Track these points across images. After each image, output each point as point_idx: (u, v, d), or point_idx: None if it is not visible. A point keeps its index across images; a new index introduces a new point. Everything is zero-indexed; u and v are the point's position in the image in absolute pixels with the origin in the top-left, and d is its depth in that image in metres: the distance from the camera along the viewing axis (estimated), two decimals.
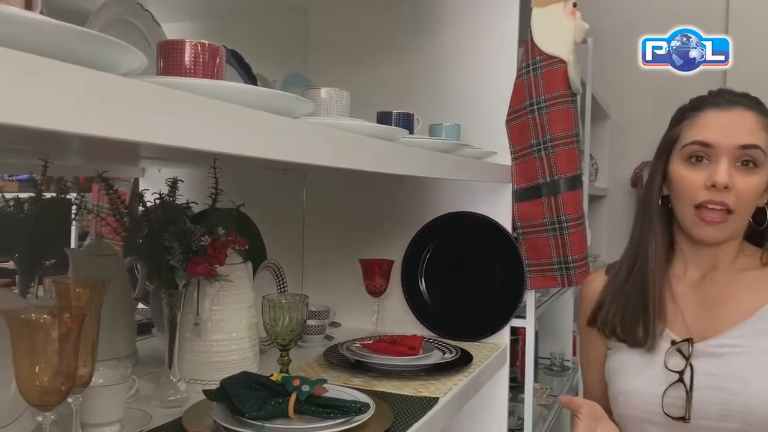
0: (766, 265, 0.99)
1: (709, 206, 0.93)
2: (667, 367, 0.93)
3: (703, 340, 0.94)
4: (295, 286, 1.72)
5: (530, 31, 1.46)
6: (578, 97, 1.57)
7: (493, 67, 1.53)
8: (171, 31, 1.77)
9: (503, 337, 1.53)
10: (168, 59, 0.69)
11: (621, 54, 2.62)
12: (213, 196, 1.09)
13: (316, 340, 1.45)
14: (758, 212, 0.97)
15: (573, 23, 1.42)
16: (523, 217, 1.49)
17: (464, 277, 1.56)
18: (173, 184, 1.08)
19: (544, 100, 1.44)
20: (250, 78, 1.35)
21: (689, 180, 0.95)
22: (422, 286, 1.59)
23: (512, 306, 1.51)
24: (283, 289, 1.45)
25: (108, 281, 0.82)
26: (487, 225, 1.54)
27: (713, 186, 0.92)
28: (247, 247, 1.11)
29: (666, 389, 0.93)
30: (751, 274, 0.98)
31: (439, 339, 1.47)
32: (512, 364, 1.64)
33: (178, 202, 1.10)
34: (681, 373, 0.92)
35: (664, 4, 2.83)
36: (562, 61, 1.42)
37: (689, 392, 0.91)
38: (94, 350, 0.80)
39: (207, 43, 0.70)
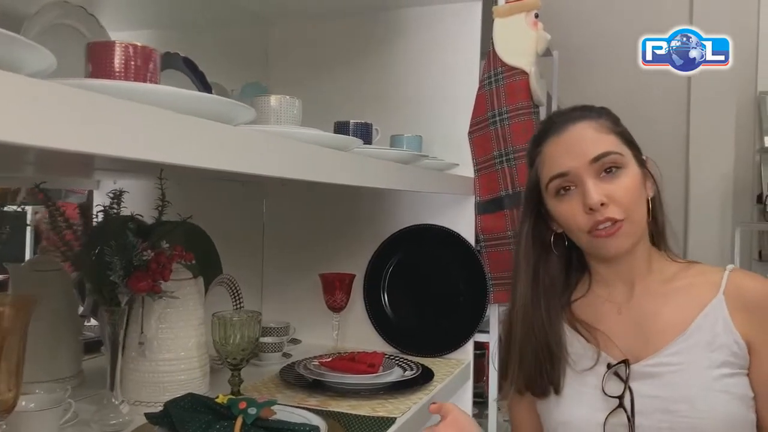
0: (680, 275, 0.95)
1: (599, 227, 0.89)
2: (605, 393, 0.89)
3: (639, 361, 0.90)
4: (254, 302, 1.67)
5: (492, 42, 1.45)
6: (541, 109, 1.55)
7: (456, 78, 1.51)
8: (129, 39, 1.73)
9: (467, 352, 1.49)
10: (97, 62, 0.65)
11: (587, 67, 2.64)
12: (159, 209, 1.05)
13: (273, 358, 1.40)
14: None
15: (535, 34, 1.41)
16: (485, 230, 1.47)
17: (427, 291, 1.53)
18: (116, 197, 1.03)
19: (506, 112, 1.42)
20: (204, 86, 1.31)
21: (568, 212, 0.92)
22: (385, 300, 1.55)
23: (476, 320, 1.48)
24: (238, 306, 1.40)
25: (35, 299, 0.77)
26: (450, 238, 1.51)
27: (591, 209, 0.88)
28: (194, 261, 1.06)
29: (607, 417, 0.88)
30: (674, 285, 0.94)
31: (401, 355, 1.43)
32: (477, 380, 1.60)
33: (126, 214, 1.05)
34: (620, 397, 0.88)
35: (630, 15, 2.87)
36: (524, 73, 1.41)
37: (631, 418, 0.87)
38: (19, 373, 0.75)
39: (139, 45, 0.66)
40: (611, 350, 0.93)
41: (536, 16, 1.42)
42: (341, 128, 1.16)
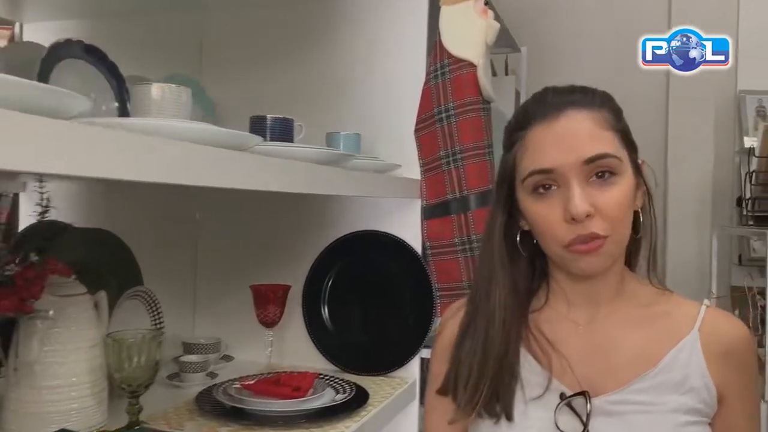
0: (653, 301, 0.82)
1: (579, 242, 0.75)
2: (558, 428, 0.76)
3: (599, 395, 0.77)
4: (185, 316, 1.54)
5: (438, 32, 1.33)
6: (507, 108, 1.43)
7: (402, 71, 1.39)
8: (56, 29, 1.59)
9: (412, 369, 1.37)
10: None
11: (558, 63, 2.53)
12: (41, 214, 0.92)
13: (196, 378, 1.27)
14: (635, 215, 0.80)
15: (484, 23, 1.29)
16: (432, 236, 1.35)
17: (370, 303, 1.41)
18: None
19: (453, 108, 1.30)
20: (115, 77, 1.18)
21: (545, 216, 0.76)
22: (325, 314, 1.43)
23: (422, 335, 1.35)
24: (157, 321, 1.27)
25: None
26: (395, 245, 1.39)
27: (573, 219, 0.73)
28: (75, 277, 0.93)
29: None
30: (646, 311, 0.82)
31: (337, 375, 1.30)
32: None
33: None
34: None
35: (604, 11, 2.77)
36: (472, 65, 1.29)
37: None
38: None
39: None
40: (565, 378, 0.80)
41: (486, 3, 1.31)
42: (257, 124, 1.04)
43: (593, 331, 0.82)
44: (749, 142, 2.72)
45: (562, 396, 0.77)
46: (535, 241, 0.82)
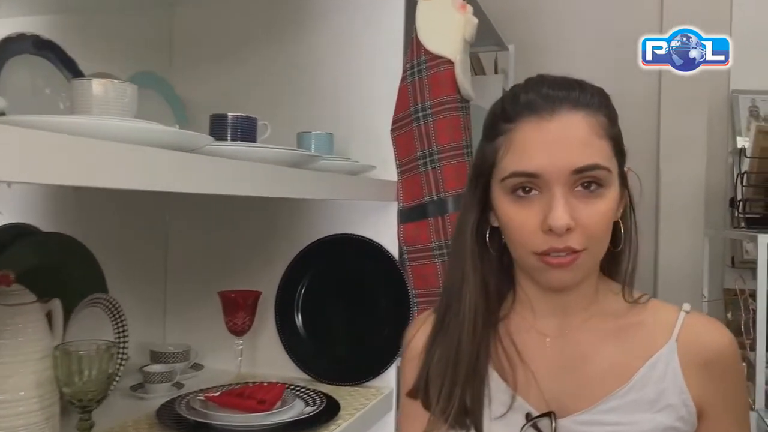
0: (628, 311, 0.77)
1: (552, 254, 0.69)
2: None
3: (568, 415, 0.72)
4: (155, 323, 1.48)
5: (415, 28, 1.28)
6: (478, 105, 1.38)
7: (377, 69, 1.34)
8: (23, 25, 1.54)
9: (389, 379, 1.32)
10: None
11: (547, 62, 2.48)
12: None
13: (161, 389, 1.21)
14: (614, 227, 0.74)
15: (462, 18, 1.24)
16: (408, 241, 1.29)
17: (346, 310, 1.35)
18: None
19: (430, 107, 1.25)
20: (73, 74, 1.13)
21: (520, 222, 0.71)
22: (298, 321, 1.37)
23: (399, 343, 1.29)
24: (121, 330, 1.21)
25: None
26: (372, 250, 1.33)
27: (551, 230, 0.68)
28: (12, 285, 0.88)
29: None
30: (619, 322, 0.76)
31: (309, 386, 1.24)
32: None
33: None
34: None
35: (594, 10, 2.72)
36: (450, 62, 1.24)
37: None
38: None
39: None
40: (531, 395, 0.75)
41: None
42: (217, 123, 0.98)
43: (562, 344, 0.76)
44: (742, 142, 2.67)
45: (528, 416, 0.72)
46: (503, 240, 0.77)
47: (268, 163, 0.89)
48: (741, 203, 2.18)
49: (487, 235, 0.78)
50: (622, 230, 0.75)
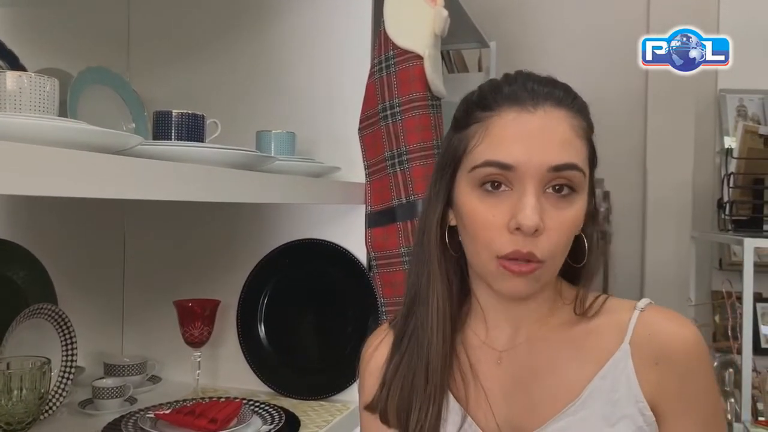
0: (582, 319, 0.70)
1: (515, 259, 0.63)
2: None
3: None
4: (112, 334, 1.41)
5: (383, 21, 1.21)
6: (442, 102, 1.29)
7: (344, 64, 1.27)
8: None
9: (355, 394, 1.23)
10: None
11: (530, 60, 2.41)
12: None
13: (111, 405, 1.13)
14: (576, 239, 0.68)
15: (432, 11, 1.17)
16: (377, 247, 1.22)
17: (310, 319, 1.29)
18: None
19: (399, 104, 1.18)
20: (14, 68, 1.05)
21: (485, 219, 0.64)
22: (261, 332, 1.30)
23: None
24: (69, 343, 1.13)
25: None
26: (338, 256, 1.26)
27: (518, 229, 0.62)
28: None
29: None
30: (572, 331, 0.69)
31: (270, 401, 1.17)
32: None
33: None
34: None
35: (579, 6, 2.66)
36: (419, 57, 1.17)
37: None
38: None
39: None
40: (482, 415, 0.69)
41: None
42: (161, 120, 0.91)
43: (513, 359, 0.70)
44: (729, 142, 2.63)
45: None
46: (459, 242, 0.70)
47: (213, 165, 0.82)
48: (727, 205, 2.12)
49: (446, 235, 0.72)
50: (587, 245, 0.69)
